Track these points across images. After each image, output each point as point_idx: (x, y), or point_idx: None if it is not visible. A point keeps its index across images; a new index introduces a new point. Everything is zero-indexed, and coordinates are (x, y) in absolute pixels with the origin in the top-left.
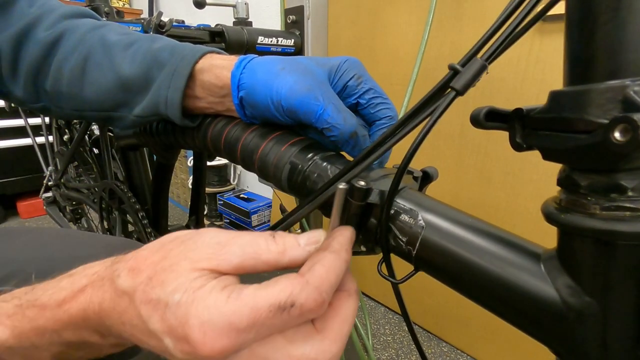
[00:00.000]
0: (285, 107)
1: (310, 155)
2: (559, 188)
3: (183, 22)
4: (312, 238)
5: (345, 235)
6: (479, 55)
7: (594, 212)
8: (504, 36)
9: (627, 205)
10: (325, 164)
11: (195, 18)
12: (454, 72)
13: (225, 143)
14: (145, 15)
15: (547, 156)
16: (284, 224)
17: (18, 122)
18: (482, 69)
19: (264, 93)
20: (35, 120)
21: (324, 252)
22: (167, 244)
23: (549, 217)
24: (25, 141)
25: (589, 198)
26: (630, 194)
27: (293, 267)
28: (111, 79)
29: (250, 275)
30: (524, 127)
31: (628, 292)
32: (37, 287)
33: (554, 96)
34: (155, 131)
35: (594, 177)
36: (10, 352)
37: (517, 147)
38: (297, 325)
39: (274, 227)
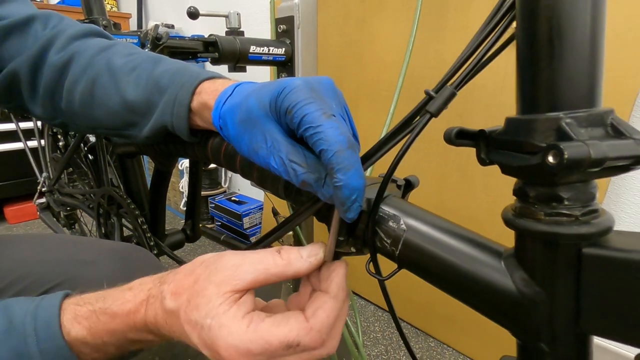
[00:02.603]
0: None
1: None
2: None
3: (172, 26)
4: (312, 251)
5: (340, 274)
6: (449, 83)
7: (540, 218)
8: (470, 67)
9: (565, 212)
10: None
11: (184, 22)
12: (429, 97)
13: (225, 154)
14: (134, 18)
15: (504, 171)
16: (284, 227)
17: (5, 126)
18: (452, 95)
19: (239, 148)
20: (25, 125)
21: (325, 297)
22: (196, 269)
23: (507, 222)
24: (12, 146)
25: (536, 206)
26: (566, 202)
27: (297, 277)
28: (117, 102)
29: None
30: (487, 146)
31: (568, 281)
32: (107, 297)
33: (509, 122)
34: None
35: (539, 189)
36: (85, 345)
37: (482, 161)
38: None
39: (275, 231)
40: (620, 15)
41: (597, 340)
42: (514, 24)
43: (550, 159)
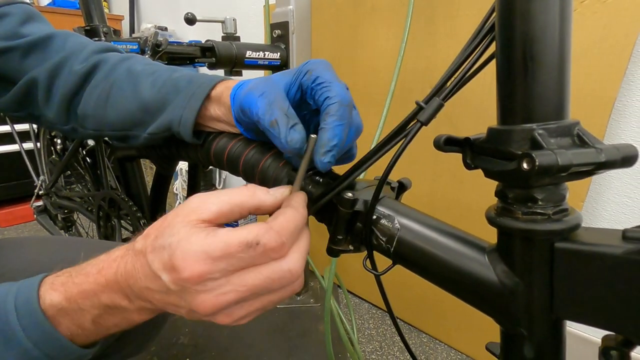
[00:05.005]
0: (242, 109)
1: None
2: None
3: (166, 28)
4: (279, 189)
5: (301, 196)
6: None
7: (518, 217)
8: (456, 81)
9: (539, 211)
10: (317, 177)
11: (177, 24)
12: (420, 107)
13: (228, 158)
14: (126, 20)
15: (487, 175)
16: None
17: None
18: (440, 106)
19: (240, 103)
20: (20, 127)
21: (284, 208)
22: (168, 213)
23: (490, 221)
24: (2, 148)
25: (514, 206)
26: (540, 203)
27: (262, 212)
28: (131, 102)
29: None
30: (472, 152)
31: (543, 273)
32: (84, 262)
33: (490, 131)
34: (158, 144)
35: (517, 191)
36: (62, 313)
37: (467, 166)
38: (263, 262)
39: None
40: (597, 25)
41: (568, 328)
42: (494, 44)
43: (525, 165)
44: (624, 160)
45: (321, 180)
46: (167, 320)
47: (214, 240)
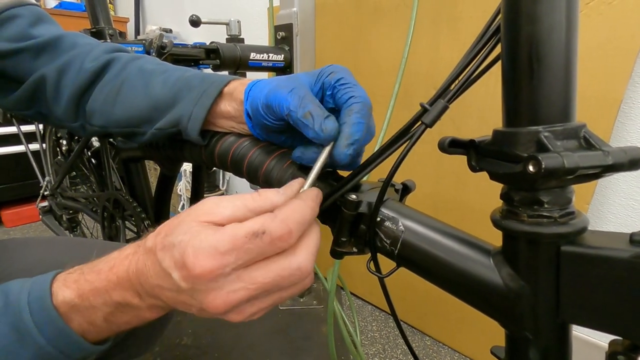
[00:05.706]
0: (264, 104)
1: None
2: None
3: (170, 30)
4: (289, 185)
5: (312, 192)
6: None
7: (524, 219)
8: (461, 83)
9: (545, 214)
10: (321, 179)
11: (182, 26)
12: (424, 109)
13: (232, 159)
14: (131, 22)
15: (492, 177)
16: None
17: (2, 130)
18: (445, 109)
19: (257, 98)
20: (26, 128)
21: (293, 199)
22: (180, 213)
23: (495, 223)
24: (10, 149)
25: (520, 209)
26: (546, 205)
27: None
28: (142, 99)
29: None
30: (477, 154)
31: (549, 276)
32: (96, 260)
33: (496, 134)
34: (162, 145)
35: (523, 194)
36: (74, 310)
37: (472, 168)
38: (271, 254)
39: None
40: (603, 27)
41: (575, 332)
42: (500, 45)
43: (531, 167)
44: (632, 163)
45: (325, 182)
46: (170, 321)
47: (221, 235)
